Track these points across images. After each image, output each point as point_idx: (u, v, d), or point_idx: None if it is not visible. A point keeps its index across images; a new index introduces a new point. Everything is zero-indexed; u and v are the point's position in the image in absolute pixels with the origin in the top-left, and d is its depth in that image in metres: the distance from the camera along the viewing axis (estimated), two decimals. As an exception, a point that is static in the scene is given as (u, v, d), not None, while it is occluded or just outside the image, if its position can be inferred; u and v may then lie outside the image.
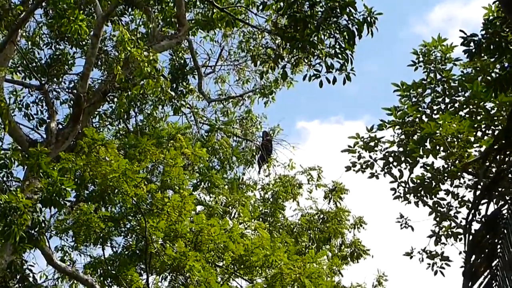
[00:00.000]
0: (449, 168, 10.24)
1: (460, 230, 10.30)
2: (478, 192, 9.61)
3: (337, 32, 9.34)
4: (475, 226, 9.77)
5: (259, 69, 15.95)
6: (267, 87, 16.52)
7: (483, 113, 10.10)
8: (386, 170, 10.75)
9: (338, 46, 9.50)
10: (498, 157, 7.42)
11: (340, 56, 9.47)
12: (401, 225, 10.98)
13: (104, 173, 10.19)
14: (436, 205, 10.52)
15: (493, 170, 8.00)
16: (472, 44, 7.88)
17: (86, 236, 10.61)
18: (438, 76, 10.58)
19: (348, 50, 9.45)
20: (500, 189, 7.71)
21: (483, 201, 7.18)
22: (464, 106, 10.33)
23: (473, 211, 9.79)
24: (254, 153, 16.07)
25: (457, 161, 9.90)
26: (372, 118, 28.67)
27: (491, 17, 8.56)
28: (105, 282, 10.95)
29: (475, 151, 9.89)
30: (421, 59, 10.68)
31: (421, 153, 10.17)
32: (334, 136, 27.55)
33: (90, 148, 10.60)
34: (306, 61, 10.14)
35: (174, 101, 14.36)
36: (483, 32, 7.98)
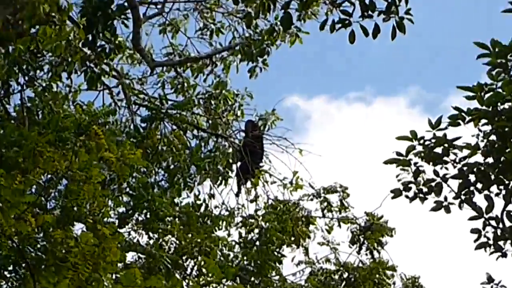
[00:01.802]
0: None
1: None
2: None
3: None
4: None
5: (241, 9, 15.93)
6: (255, 42, 16.48)
7: None
8: (463, 198, 10.68)
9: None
10: None
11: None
12: (489, 293, 11.00)
13: (-37, 193, 10.12)
14: (553, 262, 10.52)
15: None
16: None
17: None
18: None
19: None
20: None
21: None
22: None
23: None
24: (230, 160, 16.00)
25: None
26: (423, 92, 28.40)
27: None
28: None
29: None
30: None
31: (525, 168, 10.15)
32: (357, 124, 27.11)
33: None
34: (325, -4, 10.09)
35: (89, 64, 14.30)
36: None
